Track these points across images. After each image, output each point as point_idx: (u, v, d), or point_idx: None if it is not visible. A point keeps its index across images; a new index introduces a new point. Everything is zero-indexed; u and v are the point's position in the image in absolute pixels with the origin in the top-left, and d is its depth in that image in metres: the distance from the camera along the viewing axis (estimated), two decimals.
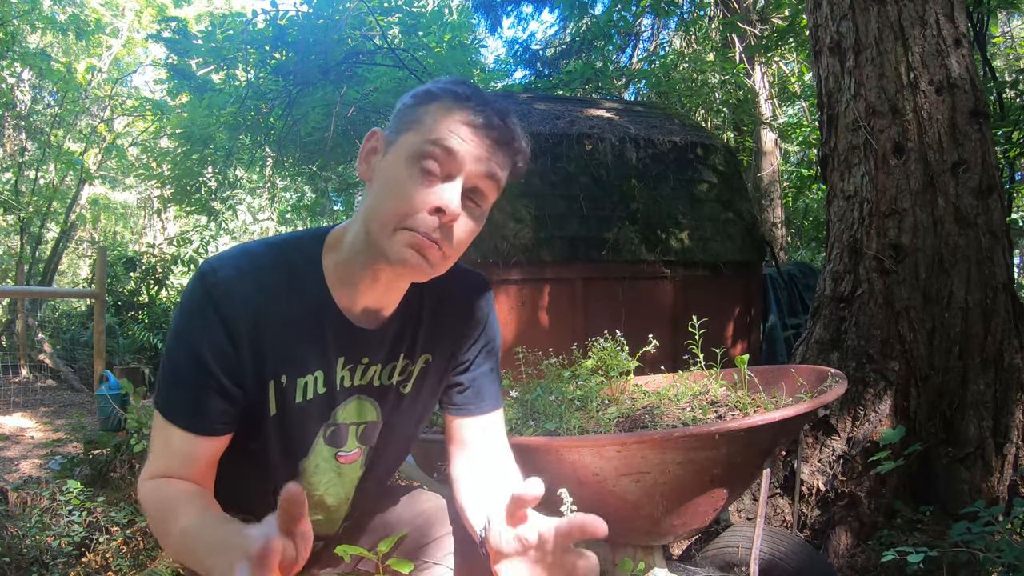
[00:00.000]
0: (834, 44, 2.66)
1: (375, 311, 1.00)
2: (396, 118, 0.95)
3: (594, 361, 1.76)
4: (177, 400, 0.92)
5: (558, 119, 4.19)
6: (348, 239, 0.97)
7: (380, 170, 0.93)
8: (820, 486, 2.34)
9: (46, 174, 12.29)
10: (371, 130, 0.97)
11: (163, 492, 0.92)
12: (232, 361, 0.91)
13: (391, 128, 0.95)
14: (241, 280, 0.91)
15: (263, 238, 1.02)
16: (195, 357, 0.90)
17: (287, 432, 0.99)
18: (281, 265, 0.95)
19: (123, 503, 2.93)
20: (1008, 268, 2.43)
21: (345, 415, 1.03)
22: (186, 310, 0.92)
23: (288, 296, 0.94)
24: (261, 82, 7.35)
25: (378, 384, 1.04)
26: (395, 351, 1.04)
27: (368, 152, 0.97)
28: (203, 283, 0.91)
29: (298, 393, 0.97)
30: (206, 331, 0.90)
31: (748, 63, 7.75)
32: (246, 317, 0.91)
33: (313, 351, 0.97)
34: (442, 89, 0.92)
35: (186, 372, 0.91)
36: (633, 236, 3.86)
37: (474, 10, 10.37)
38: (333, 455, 1.04)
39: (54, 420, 5.56)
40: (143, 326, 7.91)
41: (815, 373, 1.58)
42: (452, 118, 0.89)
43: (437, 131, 0.88)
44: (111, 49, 12.60)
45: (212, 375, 0.90)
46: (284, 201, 13.99)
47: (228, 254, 0.95)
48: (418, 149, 0.88)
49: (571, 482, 1.23)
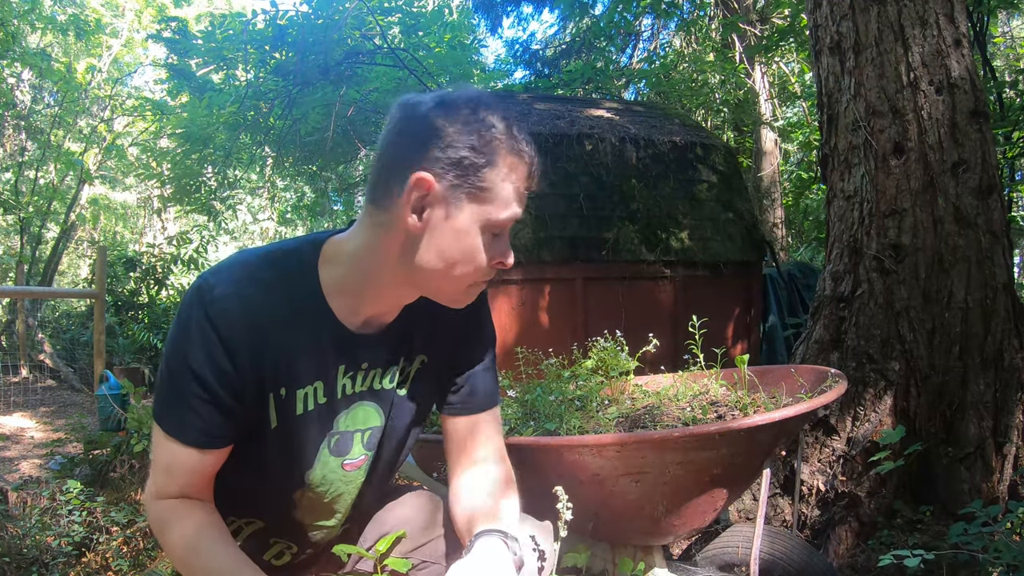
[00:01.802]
0: (834, 44, 2.66)
1: (378, 319, 1.01)
2: (452, 169, 0.88)
3: (594, 361, 1.76)
4: (179, 416, 0.92)
5: (558, 119, 4.19)
6: (350, 258, 0.96)
7: (447, 234, 0.91)
8: (820, 486, 2.34)
9: (46, 174, 12.29)
10: (417, 176, 0.88)
11: (184, 527, 0.93)
12: (232, 378, 0.91)
13: (442, 174, 0.89)
14: (238, 296, 0.91)
15: (258, 247, 1.02)
16: (195, 374, 0.90)
17: (289, 444, 0.99)
18: (278, 276, 0.95)
19: (123, 503, 2.93)
20: (1008, 268, 2.43)
21: (348, 422, 1.03)
22: (184, 327, 0.91)
23: (285, 308, 0.94)
24: (261, 82, 7.36)
25: (378, 388, 1.04)
26: (394, 354, 1.05)
27: (418, 201, 0.90)
28: (200, 301, 0.90)
29: (298, 405, 0.97)
30: (205, 349, 0.90)
31: (748, 63, 7.75)
32: (244, 333, 0.91)
33: (311, 362, 0.97)
34: (504, 145, 0.91)
35: (187, 388, 0.91)
36: (633, 236, 3.86)
37: (474, 10, 10.37)
38: (340, 464, 1.04)
39: (54, 420, 5.57)
40: (143, 326, 7.91)
41: (815, 373, 1.58)
42: (516, 185, 0.93)
43: (512, 207, 0.93)
44: (111, 49, 12.61)
45: (212, 391, 0.90)
46: (284, 201, 13.99)
47: (224, 268, 0.95)
48: (496, 223, 0.92)
49: (571, 482, 1.23)
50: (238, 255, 0.98)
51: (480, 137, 0.89)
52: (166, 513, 0.95)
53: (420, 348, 1.07)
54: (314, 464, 1.02)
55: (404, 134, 0.92)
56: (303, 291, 0.96)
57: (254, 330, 0.91)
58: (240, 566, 0.91)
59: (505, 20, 10.20)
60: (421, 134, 0.90)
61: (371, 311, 1.00)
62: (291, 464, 1.01)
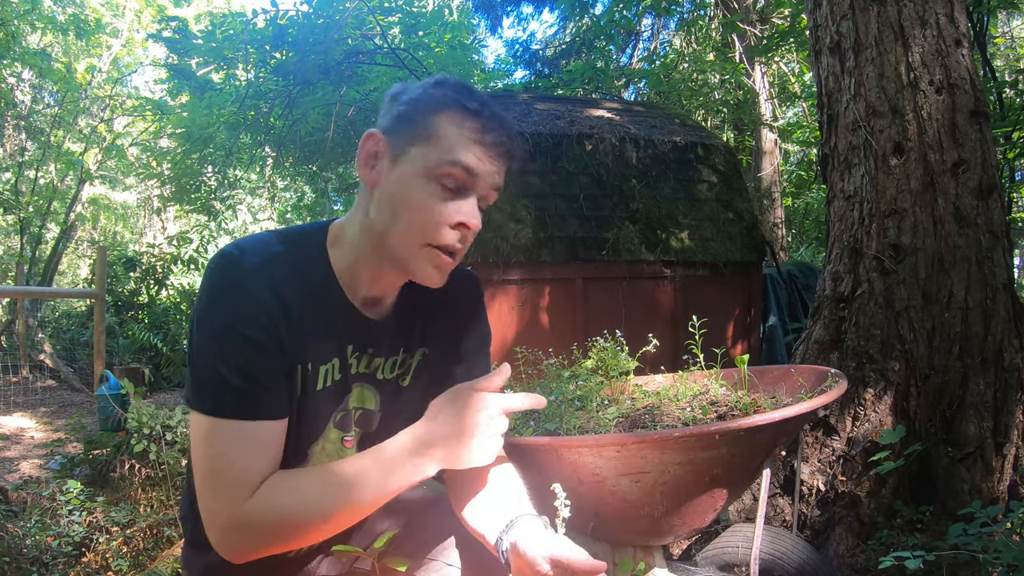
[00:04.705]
0: (834, 44, 2.66)
1: (376, 301, 1.03)
2: (398, 121, 0.94)
3: (594, 361, 1.75)
4: (243, 392, 0.87)
5: (558, 119, 4.19)
6: (348, 237, 0.99)
7: (392, 182, 0.93)
8: (820, 486, 2.34)
9: (46, 174, 12.29)
10: (368, 131, 0.96)
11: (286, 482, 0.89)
12: (277, 337, 0.89)
13: (391, 129, 0.95)
14: (266, 268, 0.91)
15: (269, 230, 1.03)
16: (248, 338, 0.87)
17: (304, 418, 0.99)
18: (294, 254, 0.95)
19: (123, 503, 2.93)
20: (1008, 268, 2.43)
21: (353, 401, 1.05)
22: (221, 299, 0.88)
23: (304, 285, 0.95)
24: (261, 82, 7.36)
25: (380, 377, 1.06)
26: (396, 344, 1.06)
27: (368, 155, 0.96)
28: (233, 270, 0.89)
29: (320, 380, 0.98)
30: (250, 312, 0.87)
31: (748, 63, 7.75)
32: (275, 301, 0.90)
33: (331, 339, 0.98)
34: (450, 99, 0.92)
35: (242, 358, 0.87)
36: (633, 236, 3.86)
37: (474, 10, 10.38)
38: (340, 439, 1.05)
39: (54, 420, 5.57)
40: (143, 326, 7.91)
41: (815, 373, 1.57)
42: (466, 136, 0.91)
43: (456, 151, 0.90)
44: (111, 49, 12.61)
45: (268, 352, 0.88)
46: (284, 201, 14.00)
47: (245, 243, 0.94)
48: (437, 167, 0.90)
49: (571, 482, 1.23)
50: (253, 235, 0.98)
51: (425, 91, 0.94)
52: (260, 503, 0.87)
53: (420, 341, 1.09)
54: (319, 439, 1.02)
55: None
56: (318, 270, 0.97)
57: (283, 301, 0.90)
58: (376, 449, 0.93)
59: (505, 20, 10.22)
60: (384, 105, 0.99)
61: (368, 292, 1.01)
62: (300, 437, 1.00)
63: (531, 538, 0.86)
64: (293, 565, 1.15)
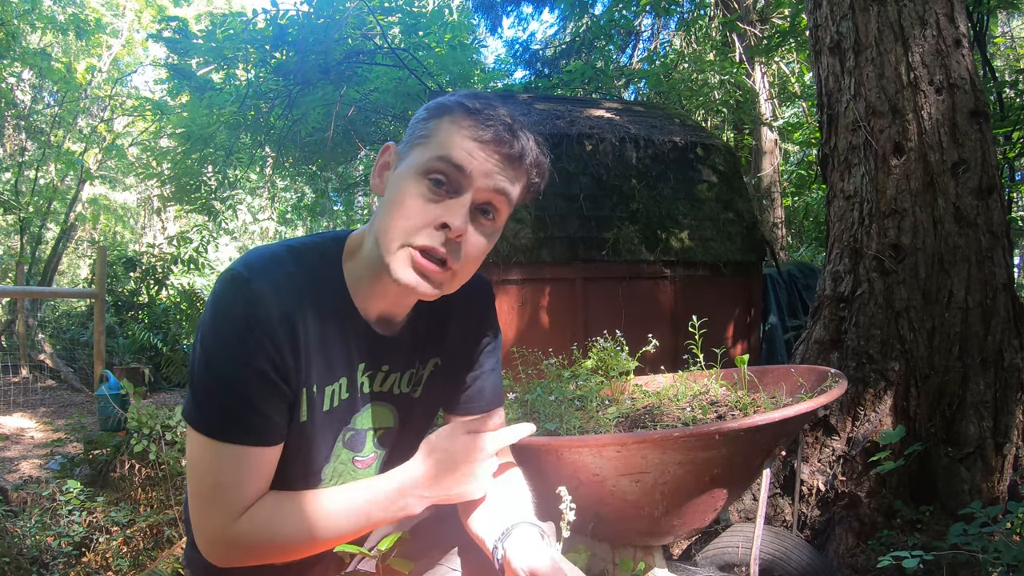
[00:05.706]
0: (834, 44, 2.65)
1: (388, 318, 1.01)
2: (409, 132, 0.96)
3: (594, 361, 1.75)
4: (244, 418, 0.88)
5: (558, 119, 4.19)
6: (364, 249, 0.98)
7: (390, 184, 0.94)
8: (820, 486, 2.34)
9: (46, 174, 12.29)
10: (386, 144, 0.98)
11: (276, 506, 0.92)
12: (283, 367, 0.90)
13: (404, 142, 0.96)
14: (275, 290, 0.89)
15: (283, 241, 1.00)
16: (253, 369, 0.87)
17: (311, 439, 0.98)
18: (306, 271, 0.94)
19: (123, 503, 2.93)
20: (1008, 268, 2.43)
21: (363, 420, 1.03)
22: (227, 327, 0.87)
23: (315, 303, 0.93)
24: (261, 82, 7.36)
25: (397, 392, 1.05)
26: (411, 358, 1.05)
27: (381, 166, 0.98)
28: (242, 295, 0.87)
29: (326, 401, 0.97)
30: (257, 342, 0.87)
31: (748, 63, 7.75)
32: (284, 327, 0.89)
33: (339, 358, 0.96)
34: (454, 102, 0.92)
35: (246, 388, 0.88)
36: (633, 236, 3.86)
37: (474, 10, 10.37)
38: (350, 459, 1.04)
39: (54, 420, 5.57)
40: (143, 326, 7.91)
41: (815, 373, 1.57)
42: (460, 133, 0.89)
43: (445, 146, 0.89)
44: (111, 49, 12.61)
45: (272, 383, 0.89)
46: (284, 201, 14.00)
47: (254, 260, 0.91)
48: (426, 163, 0.89)
49: (571, 482, 1.23)
50: (264, 249, 0.96)
51: (437, 100, 0.96)
52: (249, 524, 0.89)
53: (433, 351, 1.08)
54: (330, 458, 1.02)
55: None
56: (330, 286, 0.96)
57: (292, 323, 0.90)
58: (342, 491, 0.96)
59: (505, 20, 10.22)
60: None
61: (381, 307, 0.99)
62: (308, 458, 1.00)
63: (519, 549, 0.88)
64: (296, 567, 1.15)
